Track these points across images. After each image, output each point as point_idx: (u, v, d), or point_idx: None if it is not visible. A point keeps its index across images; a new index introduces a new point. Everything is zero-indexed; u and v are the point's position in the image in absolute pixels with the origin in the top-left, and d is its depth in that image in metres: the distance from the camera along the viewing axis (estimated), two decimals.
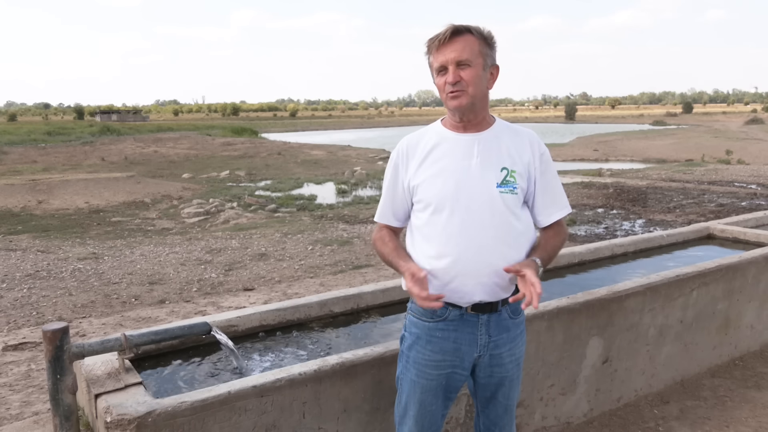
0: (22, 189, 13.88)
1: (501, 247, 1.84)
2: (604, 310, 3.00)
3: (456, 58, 1.76)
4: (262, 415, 2.08)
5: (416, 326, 1.95)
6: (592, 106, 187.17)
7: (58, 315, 5.19)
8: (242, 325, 2.76)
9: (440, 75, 1.81)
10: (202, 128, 50.64)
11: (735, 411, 3.20)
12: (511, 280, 1.88)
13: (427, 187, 1.87)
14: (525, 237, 1.89)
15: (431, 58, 1.83)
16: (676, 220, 9.17)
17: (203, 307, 5.22)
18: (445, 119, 1.95)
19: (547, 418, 2.90)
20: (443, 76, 1.80)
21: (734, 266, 3.61)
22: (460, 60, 1.76)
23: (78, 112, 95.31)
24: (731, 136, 34.15)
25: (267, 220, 10.77)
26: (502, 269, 1.83)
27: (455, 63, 1.77)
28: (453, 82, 1.77)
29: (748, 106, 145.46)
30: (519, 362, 1.99)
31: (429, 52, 1.83)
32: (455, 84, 1.77)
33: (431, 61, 1.83)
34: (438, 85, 1.84)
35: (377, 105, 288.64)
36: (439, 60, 1.79)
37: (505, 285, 1.87)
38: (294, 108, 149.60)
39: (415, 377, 1.94)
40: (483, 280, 1.83)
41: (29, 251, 7.80)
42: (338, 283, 5.89)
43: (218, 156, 25.60)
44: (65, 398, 2.08)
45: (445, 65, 1.78)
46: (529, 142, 1.92)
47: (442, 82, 1.80)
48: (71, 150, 27.41)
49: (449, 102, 1.81)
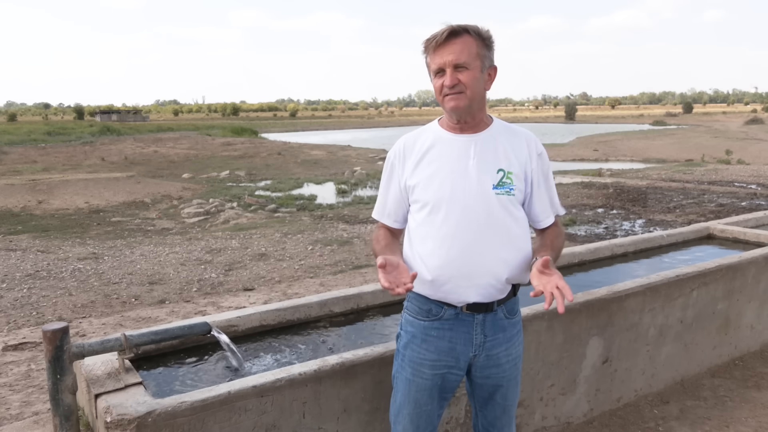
0: (22, 189, 13.88)
1: (496, 249, 1.83)
2: (604, 310, 2.99)
3: (454, 60, 1.75)
4: (262, 415, 2.08)
5: (412, 325, 1.95)
6: (592, 106, 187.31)
7: (58, 315, 5.19)
8: (242, 325, 2.76)
9: (438, 77, 1.80)
10: (202, 128, 50.66)
11: (735, 411, 3.20)
12: (508, 281, 1.88)
13: (423, 188, 1.87)
14: (521, 239, 1.89)
15: (428, 58, 1.81)
16: (676, 220, 9.17)
17: (203, 307, 5.22)
18: (442, 119, 1.94)
19: (547, 418, 2.90)
20: (441, 78, 1.78)
21: (734, 266, 3.60)
22: (458, 63, 1.75)
23: (78, 112, 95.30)
24: (731, 136, 34.14)
25: (267, 220, 10.77)
26: (497, 270, 1.84)
27: (453, 66, 1.75)
28: (451, 86, 1.76)
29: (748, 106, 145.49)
30: (516, 363, 1.99)
31: (426, 53, 1.81)
32: (453, 87, 1.76)
33: (428, 61, 1.82)
34: (435, 87, 1.82)
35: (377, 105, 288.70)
36: (437, 62, 1.77)
37: (500, 286, 1.87)
38: (294, 108, 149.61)
39: (410, 376, 1.94)
40: (478, 282, 1.83)
41: (29, 251, 7.80)
42: (338, 283, 5.89)
43: (218, 156, 25.60)
44: (65, 398, 2.08)
45: (443, 67, 1.77)
46: (527, 142, 1.91)
47: (440, 84, 1.79)
48: (71, 150, 27.42)
49: (447, 104, 1.81)
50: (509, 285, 1.89)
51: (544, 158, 1.94)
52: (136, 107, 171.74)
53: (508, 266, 1.86)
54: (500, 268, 1.85)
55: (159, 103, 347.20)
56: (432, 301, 1.88)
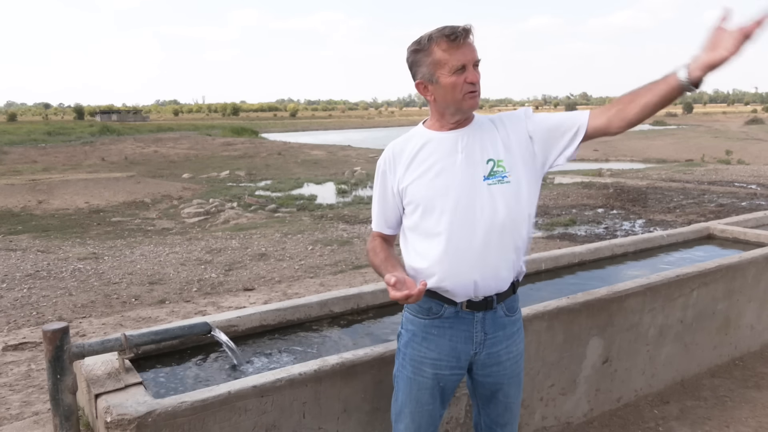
0: (22, 189, 13.88)
1: (492, 242, 1.83)
2: (604, 310, 3.00)
3: (475, 58, 1.76)
4: (262, 415, 2.08)
5: (412, 323, 1.95)
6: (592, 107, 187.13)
7: (58, 315, 5.19)
8: (242, 325, 2.76)
9: (456, 73, 1.75)
10: (202, 128, 50.65)
11: (735, 411, 3.20)
12: (506, 271, 1.87)
13: (415, 189, 1.86)
14: (518, 227, 1.86)
15: (441, 54, 1.74)
16: (676, 220, 9.17)
17: (203, 307, 5.22)
18: (426, 121, 1.94)
19: (547, 418, 2.90)
20: (460, 75, 1.75)
21: (734, 266, 3.61)
22: (477, 60, 1.77)
23: (78, 112, 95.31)
24: (731, 136, 34.14)
25: (267, 220, 10.77)
26: (494, 262, 1.83)
27: (474, 63, 1.76)
28: (474, 82, 1.76)
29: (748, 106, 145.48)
30: (518, 360, 1.99)
31: (441, 48, 1.74)
32: (475, 84, 1.77)
33: (439, 57, 1.74)
34: (452, 83, 1.75)
35: (377, 105, 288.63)
36: (459, 59, 1.74)
37: (498, 281, 1.87)
38: (294, 108, 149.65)
39: (411, 374, 1.94)
40: (475, 278, 1.83)
41: (29, 251, 7.80)
42: (338, 283, 5.89)
43: (218, 156, 25.61)
44: (65, 398, 2.08)
45: (466, 64, 1.75)
46: (505, 119, 1.91)
47: (461, 80, 1.75)
48: (71, 150, 27.42)
49: (467, 102, 1.78)
50: (509, 277, 1.89)
51: (529, 113, 1.91)
52: (136, 107, 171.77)
53: (505, 256, 1.86)
54: (497, 259, 1.84)
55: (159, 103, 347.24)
56: (432, 300, 1.88)
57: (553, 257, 3.88)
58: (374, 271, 2.00)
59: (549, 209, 10.41)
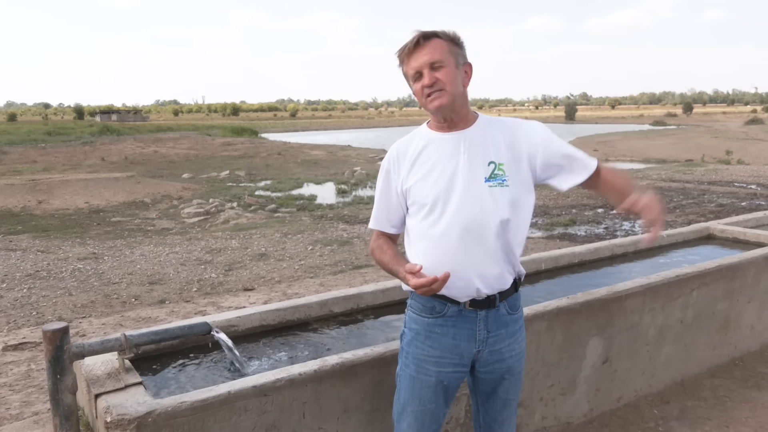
0: (22, 189, 13.89)
1: (492, 243, 1.85)
2: (604, 310, 3.00)
3: (429, 60, 1.79)
4: (262, 415, 2.08)
5: (416, 322, 1.96)
6: (592, 107, 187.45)
7: (58, 315, 5.19)
8: (242, 325, 2.76)
9: (416, 81, 1.84)
10: (202, 128, 50.68)
11: (735, 411, 3.20)
12: (506, 271, 1.90)
13: (418, 189, 1.90)
14: (517, 229, 1.90)
15: (404, 67, 1.86)
16: (676, 220, 9.17)
17: (203, 307, 5.22)
18: (430, 122, 1.98)
19: (547, 418, 2.90)
20: (419, 81, 1.83)
21: (734, 266, 3.61)
22: (433, 61, 1.79)
23: (78, 112, 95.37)
24: (731, 137, 34.16)
25: (267, 220, 10.77)
26: (494, 263, 1.86)
27: (429, 65, 1.80)
28: (430, 84, 1.80)
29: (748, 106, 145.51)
30: (519, 358, 2.01)
31: (401, 63, 1.86)
32: (432, 86, 1.81)
33: (405, 70, 1.86)
34: (416, 91, 1.86)
35: (377, 105, 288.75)
36: (413, 66, 1.82)
37: (499, 280, 1.89)
38: (294, 108, 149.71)
39: (414, 373, 1.95)
40: (477, 277, 1.85)
41: (29, 251, 7.80)
42: (338, 283, 5.89)
43: (218, 156, 25.61)
44: (65, 398, 2.08)
45: (420, 70, 1.81)
46: (515, 126, 1.94)
47: (420, 86, 1.83)
48: (71, 150, 27.42)
49: (430, 104, 1.84)
50: (510, 276, 1.92)
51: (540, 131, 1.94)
52: (136, 107, 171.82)
53: (506, 256, 1.89)
54: (497, 259, 1.87)
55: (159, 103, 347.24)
56: (435, 299, 1.90)
57: (553, 257, 3.88)
58: (381, 267, 2.02)
59: (549, 209, 10.42)
